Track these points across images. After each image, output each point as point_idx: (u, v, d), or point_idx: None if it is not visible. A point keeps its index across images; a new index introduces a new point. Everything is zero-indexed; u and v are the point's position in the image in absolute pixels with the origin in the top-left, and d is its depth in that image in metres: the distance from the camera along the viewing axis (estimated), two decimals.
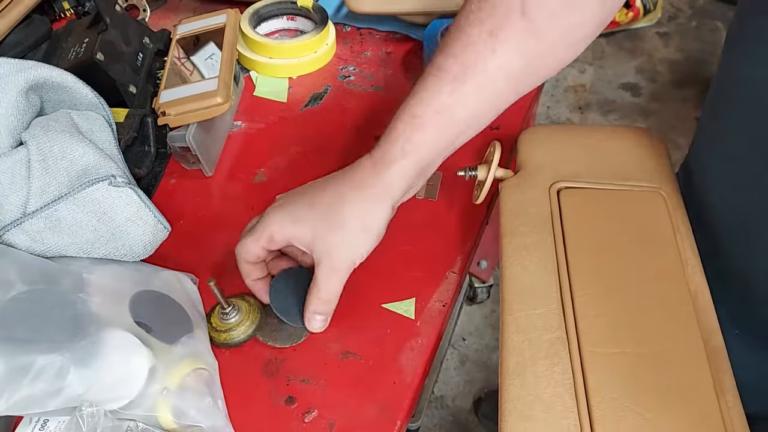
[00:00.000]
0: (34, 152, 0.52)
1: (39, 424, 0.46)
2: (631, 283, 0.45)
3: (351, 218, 0.46)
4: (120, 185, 0.52)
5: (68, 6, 0.82)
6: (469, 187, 0.62)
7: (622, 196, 0.51)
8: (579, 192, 0.52)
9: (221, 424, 0.47)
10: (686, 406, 0.39)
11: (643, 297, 0.44)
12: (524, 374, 0.41)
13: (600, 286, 0.44)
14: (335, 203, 0.47)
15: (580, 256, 0.47)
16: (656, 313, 0.43)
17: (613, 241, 0.47)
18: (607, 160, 0.54)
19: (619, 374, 0.40)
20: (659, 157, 0.55)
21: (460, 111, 0.46)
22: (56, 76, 0.57)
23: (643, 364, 0.41)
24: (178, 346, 0.49)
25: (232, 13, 0.73)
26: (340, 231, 0.46)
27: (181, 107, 0.61)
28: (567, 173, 0.53)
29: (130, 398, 0.45)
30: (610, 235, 0.48)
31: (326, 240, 0.47)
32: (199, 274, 0.57)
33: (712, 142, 0.54)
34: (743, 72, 0.48)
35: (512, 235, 0.50)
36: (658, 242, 0.47)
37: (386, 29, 0.81)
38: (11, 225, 0.51)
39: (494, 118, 0.49)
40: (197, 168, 0.66)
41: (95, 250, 0.53)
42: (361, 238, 0.47)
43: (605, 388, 0.40)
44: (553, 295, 0.45)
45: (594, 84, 2.04)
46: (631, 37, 2.17)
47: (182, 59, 0.70)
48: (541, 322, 0.43)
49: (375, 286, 0.55)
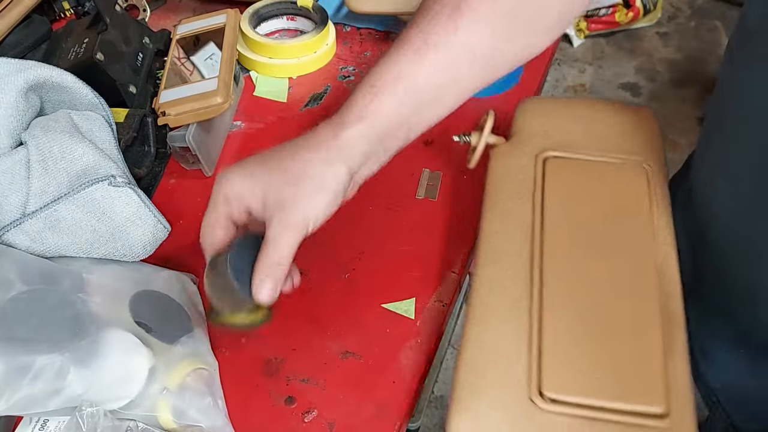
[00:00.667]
0: (34, 152, 0.52)
1: (39, 424, 0.46)
2: (600, 250, 0.47)
3: (305, 175, 0.44)
4: (120, 185, 0.52)
5: (68, 6, 0.82)
6: (470, 187, 0.62)
7: (607, 167, 0.53)
8: (565, 161, 0.53)
9: (221, 424, 0.47)
10: (633, 363, 0.41)
11: (609, 263, 0.46)
12: (486, 323, 0.44)
13: (570, 251, 0.47)
14: (289, 160, 0.45)
15: (556, 223, 0.49)
16: (618, 277, 0.45)
17: (591, 209, 0.50)
18: (598, 132, 0.56)
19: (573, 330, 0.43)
20: (650, 133, 0.56)
21: (420, 80, 0.45)
22: (56, 76, 0.57)
23: (598, 321, 0.43)
24: (178, 346, 0.49)
25: (232, 13, 0.73)
26: (293, 186, 0.44)
27: (181, 107, 0.61)
28: (556, 143, 0.55)
29: (130, 398, 0.45)
30: (589, 204, 0.50)
31: (279, 193, 0.43)
32: (199, 274, 0.57)
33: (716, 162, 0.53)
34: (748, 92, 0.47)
35: (496, 198, 0.52)
36: (632, 212, 0.49)
37: (386, 29, 0.81)
38: (11, 225, 0.51)
39: (461, 99, 0.47)
40: (197, 168, 0.66)
41: (95, 250, 0.53)
42: (316, 197, 0.44)
43: (558, 341, 0.43)
44: (525, 256, 0.47)
45: (594, 84, 2.04)
46: (631, 37, 2.17)
47: (182, 59, 0.70)
48: (509, 280, 0.46)
49: (375, 286, 0.55)
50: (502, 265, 0.47)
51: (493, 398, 0.41)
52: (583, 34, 2.13)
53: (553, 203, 0.50)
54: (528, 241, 0.48)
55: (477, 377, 0.42)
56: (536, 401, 0.41)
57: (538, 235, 0.48)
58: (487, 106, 0.71)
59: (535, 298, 0.45)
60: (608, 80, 2.05)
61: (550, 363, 0.42)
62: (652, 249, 0.47)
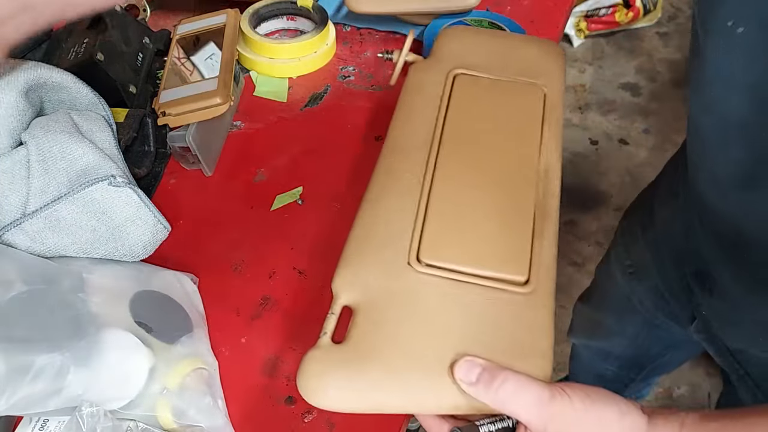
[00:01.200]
0: (34, 152, 0.52)
1: (39, 424, 0.46)
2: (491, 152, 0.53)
3: None
4: (119, 185, 0.52)
5: None
6: None
7: (509, 86, 0.59)
8: (472, 78, 0.59)
9: (221, 424, 0.47)
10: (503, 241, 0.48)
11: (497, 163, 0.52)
12: (379, 201, 0.50)
13: (464, 151, 0.53)
14: None
15: (455, 127, 0.55)
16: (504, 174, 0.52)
17: (489, 119, 0.56)
18: (508, 58, 0.62)
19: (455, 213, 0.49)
20: (553, 63, 0.62)
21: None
22: (56, 76, 0.57)
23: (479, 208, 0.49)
24: (178, 345, 0.49)
25: (232, 13, 0.73)
26: None
27: (181, 107, 0.61)
28: (468, 63, 0.60)
29: (131, 398, 0.45)
30: (488, 115, 0.56)
31: None
32: (199, 274, 0.57)
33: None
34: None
35: (406, 106, 0.58)
36: (525, 125, 0.55)
37: (386, 29, 0.81)
38: (11, 225, 0.51)
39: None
40: (197, 168, 0.66)
41: (95, 250, 0.53)
42: None
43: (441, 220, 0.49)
44: (423, 151, 0.53)
45: (594, 84, 2.04)
46: (631, 37, 2.17)
47: (182, 59, 0.70)
48: (406, 168, 0.52)
49: None
50: (401, 157, 0.53)
51: (374, 259, 0.47)
52: (583, 34, 2.13)
53: (455, 112, 0.56)
54: (428, 140, 0.54)
55: (364, 242, 0.48)
56: (413, 265, 0.46)
57: (438, 136, 0.54)
58: None
59: (426, 184, 0.50)
60: (608, 80, 2.05)
61: (430, 236, 0.47)
62: (538, 156, 0.53)
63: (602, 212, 1.71)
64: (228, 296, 0.56)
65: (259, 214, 0.62)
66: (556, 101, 0.58)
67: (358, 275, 0.46)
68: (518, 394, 0.38)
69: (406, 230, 0.48)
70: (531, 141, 0.54)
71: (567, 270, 1.55)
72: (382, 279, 0.46)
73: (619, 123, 1.92)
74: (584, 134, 1.90)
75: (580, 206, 1.71)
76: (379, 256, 0.47)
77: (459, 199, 0.50)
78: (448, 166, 0.52)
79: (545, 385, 0.38)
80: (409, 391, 0.41)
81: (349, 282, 0.46)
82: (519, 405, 0.38)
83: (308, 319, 0.54)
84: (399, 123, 0.56)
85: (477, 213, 0.49)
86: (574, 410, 0.37)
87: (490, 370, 0.39)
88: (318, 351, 0.42)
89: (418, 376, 0.41)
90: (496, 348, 0.42)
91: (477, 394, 0.39)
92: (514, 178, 0.51)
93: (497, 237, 0.48)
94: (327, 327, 0.44)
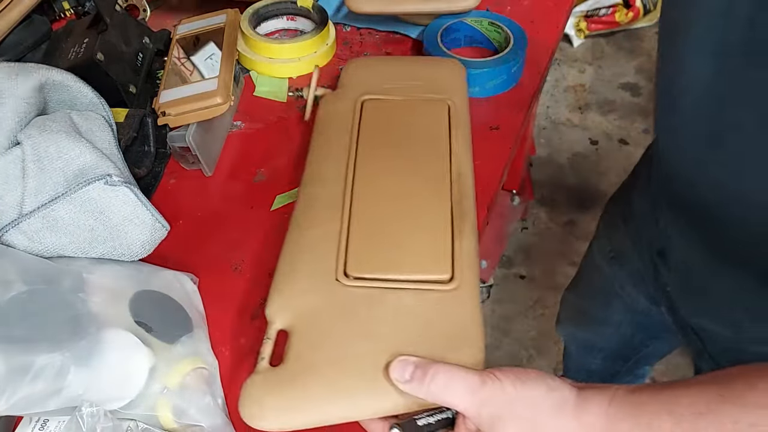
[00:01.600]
0: (29, 152, 0.52)
1: (39, 424, 0.46)
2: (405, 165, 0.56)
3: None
4: (116, 184, 0.52)
5: (68, 6, 0.82)
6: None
7: (415, 103, 0.62)
8: (379, 102, 0.63)
9: (221, 423, 0.47)
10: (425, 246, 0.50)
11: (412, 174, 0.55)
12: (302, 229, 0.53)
13: (379, 168, 0.56)
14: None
15: (368, 148, 0.58)
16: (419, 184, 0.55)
17: (399, 134, 0.59)
18: (412, 80, 0.65)
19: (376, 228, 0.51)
20: (457, 78, 0.66)
21: None
22: (56, 75, 0.57)
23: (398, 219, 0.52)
24: (178, 345, 0.49)
25: (232, 13, 0.73)
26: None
27: (181, 107, 0.61)
28: (375, 89, 0.64)
29: (131, 398, 0.45)
30: (398, 131, 0.59)
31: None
32: (199, 274, 0.57)
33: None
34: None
35: (320, 136, 0.61)
36: (434, 135, 0.59)
37: (386, 29, 0.81)
38: (9, 225, 0.51)
39: None
40: (197, 168, 0.66)
41: (93, 250, 0.53)
42: None
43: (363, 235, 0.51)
44: (341, 177, 0.56)
45: (594, 84, 2.04)
46: (631, 37, 2.17)
47: (182, 59, 0.70)
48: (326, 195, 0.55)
49: None
50: (320, 184, 0.56)
51: (303, 282, 0.48)
52: (583, 34, 2.13)
53: (367, 134, 0.59)
54: (344, 164, 0.57)
55: (292, 269, 0.50)
56: (341, 280, 0.48)
57: (353, 158, 0.57)
58: (488, 105, 0.72)
59: (346, 205, 0.53)
60: (608, 80, 2.05)
61: (354, 251, 0.50)
62: (449, 162, 0.56)
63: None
64: (228, 296, 0.56)
65: (259, 214, 0.62)
66: (462, 111, 0.62)
67: (290, 299, 0.47)
68: (449, 385, 0.39)
69: (331, 251, 0.50)
70: (441, 150, 0.57)
71: (567, 270, 1.55)
72: (313, 299, 0.47)
73: (619, 123, 1.92)
74: (584, 134, 1.90)
75: (580, 206, 1.71)
76: (307, 279, 0.48)
77: (379, 214, 0.52)
78: (365, 184, 0.55)
79: (475, 373, 0.39)
80: (350, 400, 0.42)
81: (282, 307, 0.47)
82: (452, 395, 0.39)
83: None
84: (315, 152, 0.59)
85: (397, 223, 0.52)
86: (504, 393, 0.38)
87: (422, 366, 0.41)
88: (257, 376, 0.43)
89: (356, 384, 0.42)
90: (429, 344, 0.44)
91: (413, 391, 0.40)
92: (428, 186, 0.54)
93: (418, 242, 0.50)
94: (264, 352, 0.45)
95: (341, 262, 0.49)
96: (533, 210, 1.70)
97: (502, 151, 0.67)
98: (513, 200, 1.53)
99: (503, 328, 1.49)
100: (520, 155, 1.43)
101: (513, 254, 1.62)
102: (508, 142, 0.67)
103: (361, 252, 0.50)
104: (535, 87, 0.74)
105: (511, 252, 1.62)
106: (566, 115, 1.95)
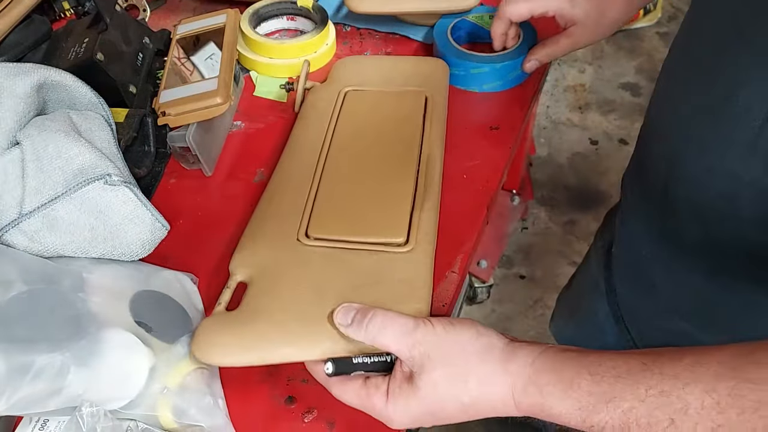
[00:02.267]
0: (29, 152, 0.52)
1: (39, 424, 0.46)
2: (377, 145, 0.61)
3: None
4: (116, 184, 0.52)
5: (68, 6, 0.82)
6: (469, 187, 0.63)
7: (394, 95, 0.67)
8: (360, 93, 0.68)
9: (221, 423, 0.47)
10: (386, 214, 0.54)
11: (382, 153, 0.60)
12: (272, 197, 0.58)
13: (353, 146, 0.61)
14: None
15: (345, 130, 0.63)
16: (388, 160, 0.59)
17: (375, 120, 0.64)
18: (394, 75, 0.70)
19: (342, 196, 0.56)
20: (438, 75, 0.70)
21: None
22: (55, 75, 0.57)
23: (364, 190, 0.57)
24: (179, 345, 0.49)
25: (232, 13, 0.73)
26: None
27: (181, 107, 0.61)
28: (359, 83, 0.69)
29: (131, 398, 0.46)
30: (375, 117, 0.64)
31: None
32: (199, 274, 0.57)
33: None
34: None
35: (303, 120, 0.66)
36: (409, 122, 0.63)
37: (386, 29, 0.81)
38: (9, 225, 0.51)
39: None
40: (197, 168, 0.66)
41: (93, 249, 0.53)
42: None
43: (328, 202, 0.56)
44: (315, 153, 0.61)
45: (594, 84, 2.04)
46: (631, 37, 2.17)
47: (182, 59, 0.70)
48: (300, 169, 0.60)
49: None
50: (297, 159, 0.61)
51: (267, 240, 0.53)
52: None
53: (345, 119, 0.64)
54: (319, 143, 0.62)
55: (258, 229, 0.55)
56: (302, 240, 0.53)
57: (329, 138, 0.62)
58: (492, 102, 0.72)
59: (317, 176, 0.58)
60: (608, 80, 2.05)
61: (317, 215, 0.55)
62: (419, 146, 0.60)
63: (602, 212, 1.69)
64: None
65: None
66: (440, 103, 0.66)
67: (252, 256, 0.52)
68: (385, 327, 0.42)
69: (296, 215, 0.55)
70: (412, 135, 0.62)
71: (567, 270, 1.55)
72: (273, 255, 0.52)
73: (619, 123, 1.92)
74: (584, 134, 1.90)
75: (580, 206, 1.71)
76: (270, 239, 0.53)
77: (345, 187, 0.57)
78: (336, 161, 0.60)
79: (410, 318, 0.42)
80: (294, 342, 0.45)
81: (243, 262, 0.52)
82: (387, 337, 0.42)
83: None
84: (296, 132, 0.64)
85: (362, 195, 0.56)
86: (435, 335, 0.41)
87: (362, 310, 0.44)
88: (211, 318, 0.47)
89: (302, 328, 0.46)
90: (378, 298, 0.47)
91: (353, 334, 0.43)
92: (395, 164, 0.59)
93: (378, 211, 0.55)
94: (222, 298, 0.49)
95: (304, 225, 0.54)
96: (533, 210, 1.70)
97: (502, 150, 0.67)
98: (513, 200, 1.53)
99: (503, 328, 1.48)
100: (520, 155, 1.43)
101: (513, 254, 1.62)
102: (508, 142, 0.67)
103: (324, 216, 0.55)
104: (535, 86, 0.74)
105: (511, 252, 1.62)
106: (566, 115, 1.95)
